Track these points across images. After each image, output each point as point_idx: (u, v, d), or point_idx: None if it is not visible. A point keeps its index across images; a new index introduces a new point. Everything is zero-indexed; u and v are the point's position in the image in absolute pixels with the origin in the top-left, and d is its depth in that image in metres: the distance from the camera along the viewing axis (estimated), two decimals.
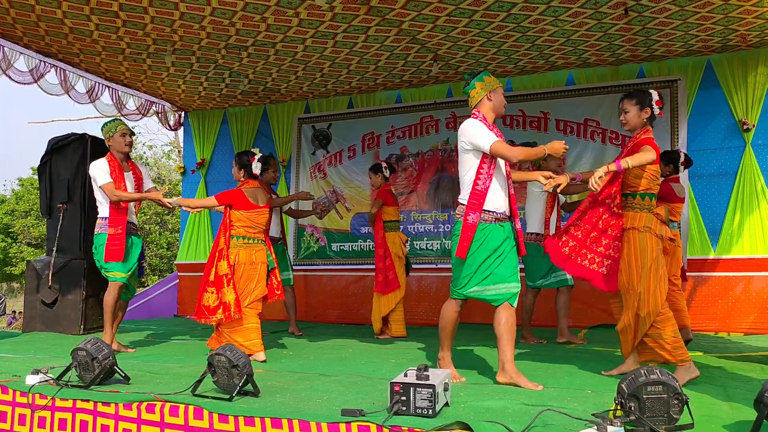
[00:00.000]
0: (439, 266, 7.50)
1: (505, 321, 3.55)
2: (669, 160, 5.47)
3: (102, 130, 5.17)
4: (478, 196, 3.60)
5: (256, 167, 4.83)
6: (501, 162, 3.70)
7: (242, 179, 4.85)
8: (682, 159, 5.55)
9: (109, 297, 4.95)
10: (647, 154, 3.58)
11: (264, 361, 4.45)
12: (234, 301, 4.49)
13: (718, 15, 5.39)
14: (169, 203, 4.86)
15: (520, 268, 4.02)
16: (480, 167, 3.61)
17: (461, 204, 3.69)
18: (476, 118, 3.71)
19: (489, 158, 3.62)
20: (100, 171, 4.97)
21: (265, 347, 4.64)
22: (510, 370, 3.51)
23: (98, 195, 5.04)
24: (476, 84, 3.77)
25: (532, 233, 5.45)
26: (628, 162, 3.54)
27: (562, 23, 5.61)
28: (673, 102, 6.70)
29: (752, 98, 6.37)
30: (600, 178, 3.53)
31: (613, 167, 3.54)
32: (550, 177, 3.57)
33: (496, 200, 3.64)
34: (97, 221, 5.07)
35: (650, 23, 5.59)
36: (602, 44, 6.16)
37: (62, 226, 6.51)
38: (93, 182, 5.04)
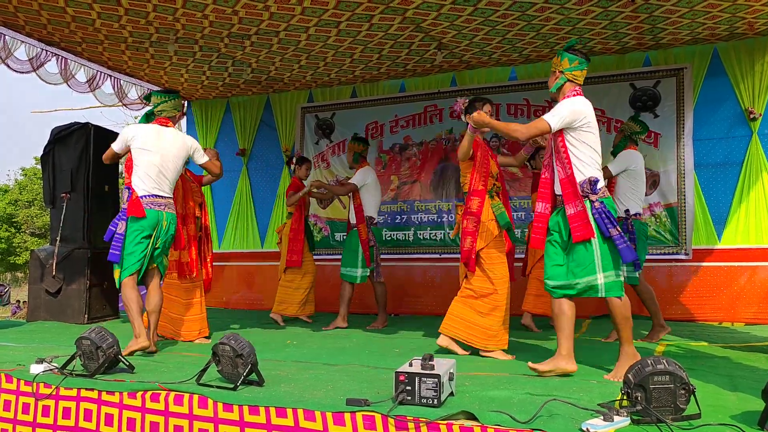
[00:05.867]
0: (444, 256, 7.48)
1: None
2: None
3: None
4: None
5: None
6: None
7: None
8: None
9: None
10: None
11: None
12: None
13: (725, 2, 5.33)
14: None
15: None
16: None
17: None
18: None
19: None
20: None
21: (270, 336, 4.64)
22: None
23: None
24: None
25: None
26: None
27: (568, 11, 5.55)
28: (679, 91, 6.65)
29: (759, 87, 6.31)
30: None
31: None
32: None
33: None
34: None
35: (657, 11, 5.54)
36: (608, 32, 6.10)
37: (65, 215, 6.51)
38: None
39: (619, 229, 3.47)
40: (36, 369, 3.50)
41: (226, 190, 8.53)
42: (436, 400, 2.69)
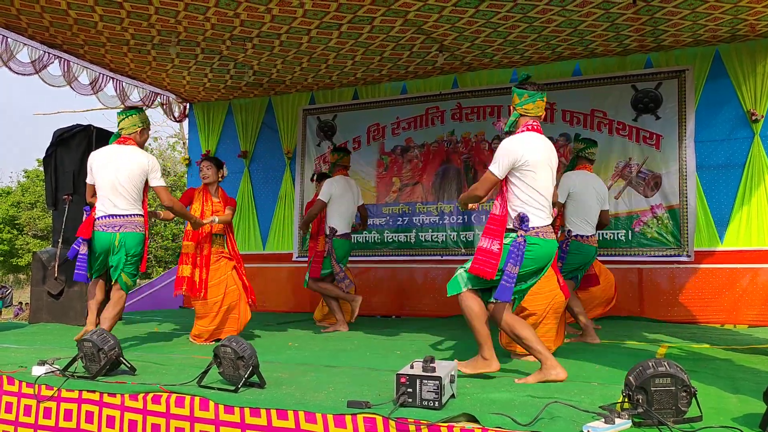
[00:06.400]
0: (445, 258, 7.48)
1: None
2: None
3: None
4: None
5: None
6: None
7: None
8: None
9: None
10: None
11: None
12: None
13: (726, 4, 5.34)
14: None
15: None
16: None
17: None
18: None
19: None
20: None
21: (271, 338, 4.64)
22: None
23: None
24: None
25: None
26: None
27: (570, 13, 5.56)
28: (681, 92, 6.64)
29: (761, 89, 6.31)
30: None
31: None
32: None
33: None
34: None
35: (658, 12, 5.54)
36: (609, 34, 6.11)
37: (68, 217, 6.51)
38: None
39: (517, 271, 3.37)
40: (38, 371, 3.50)
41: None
42: (437, 403, 2.68)
